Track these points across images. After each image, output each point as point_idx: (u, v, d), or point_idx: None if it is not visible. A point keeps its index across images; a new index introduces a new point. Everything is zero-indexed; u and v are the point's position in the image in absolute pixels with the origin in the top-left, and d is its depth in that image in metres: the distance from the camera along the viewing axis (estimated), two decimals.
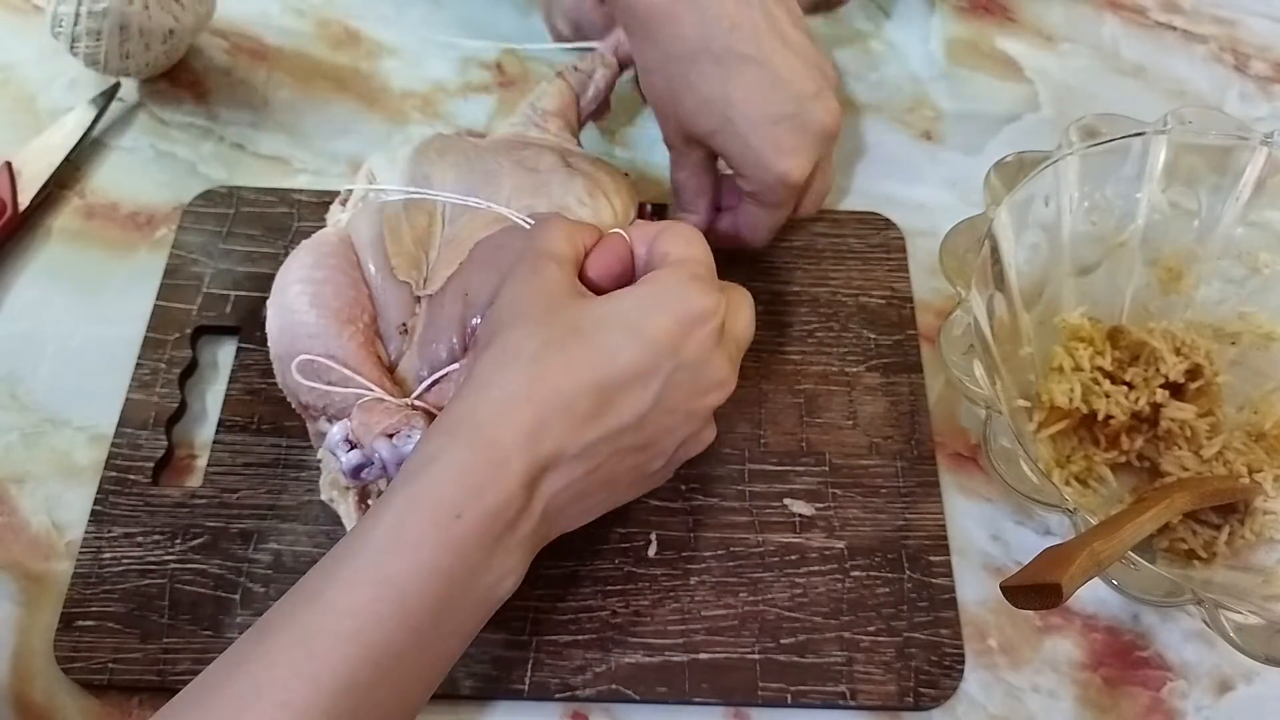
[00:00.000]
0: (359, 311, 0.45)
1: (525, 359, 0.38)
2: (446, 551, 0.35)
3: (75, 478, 0.50)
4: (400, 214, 0.47)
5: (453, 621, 0.36)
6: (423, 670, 0.36)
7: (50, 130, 0.59)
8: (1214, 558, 0.47)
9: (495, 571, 0.36)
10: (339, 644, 0.33)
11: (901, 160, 0.63)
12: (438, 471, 0.36)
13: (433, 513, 0.35)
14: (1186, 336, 0.51)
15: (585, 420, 0.37)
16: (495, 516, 0.36)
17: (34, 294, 0.55)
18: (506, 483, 0.36)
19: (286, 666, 0.33)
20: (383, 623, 0.34)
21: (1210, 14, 0.70)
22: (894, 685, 0.45)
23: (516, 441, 0.36)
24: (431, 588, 0.35)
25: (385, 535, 0.35)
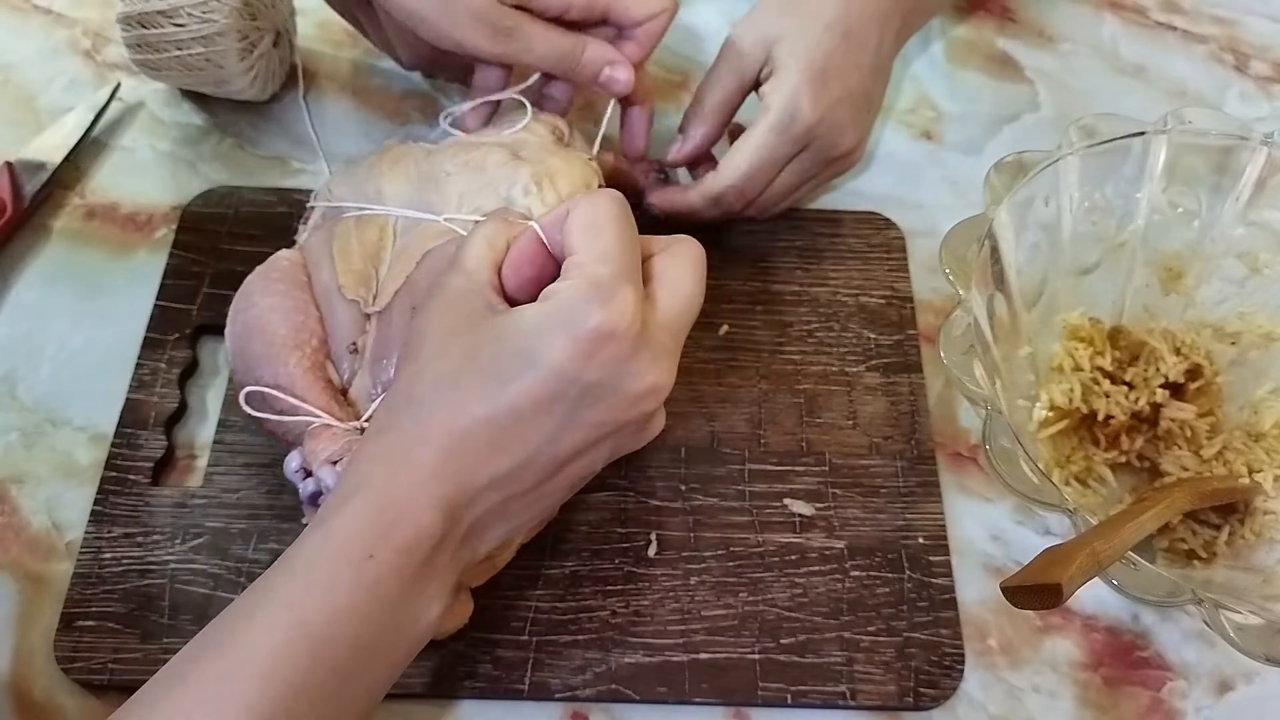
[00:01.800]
0: (306, 335, 0.45)
1: (417, 400, 0.37)
2: (360, 593, 0.34)
3: (75, 478, 0.50)
4: (351, 230, 0.47)
5: (376, 656, 0.35)
6: (350, 702, 0.35)
7: (50, 130, 0.59)
8: (1214, 558, 0.47)
9: (417, 603, 0.36)
10: (255, 684, 0.33)
11: (901, 160, 0.63)
12: (349, 514, 0.36)
13: (344, 555, 0.35)
14: (1186, 336, 0.51)
15: (486, 454, 0.36)
16: (409, 553, 0.35)
17: (34, 294, 0.55)
18: (416, 519, 0.35)
19: (202, 704, 0.33)
20: (299, 663, 0.33)
21: (1210, 14, 0.70)
22: (894, 685, 0.45)
23: (419, 483, 0.36)
24: (348, 630, 0.34)
25: (298, 579, 0.35)
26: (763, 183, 0.53)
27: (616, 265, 0.37)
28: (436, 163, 0.48)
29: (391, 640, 0.36)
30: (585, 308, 0.36)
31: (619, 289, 0.36)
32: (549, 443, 0.37)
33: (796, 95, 0.51)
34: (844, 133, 0.53)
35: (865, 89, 0.54)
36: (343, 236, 0.47)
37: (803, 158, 0.53)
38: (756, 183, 0.53)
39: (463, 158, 0.48)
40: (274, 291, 0.46)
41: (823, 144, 0.53)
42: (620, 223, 0.38)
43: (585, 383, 0.36)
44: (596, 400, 0.37)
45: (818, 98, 0.51)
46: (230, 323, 0.47)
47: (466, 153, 0.48)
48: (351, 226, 0.47)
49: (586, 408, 0.37)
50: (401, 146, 0.50)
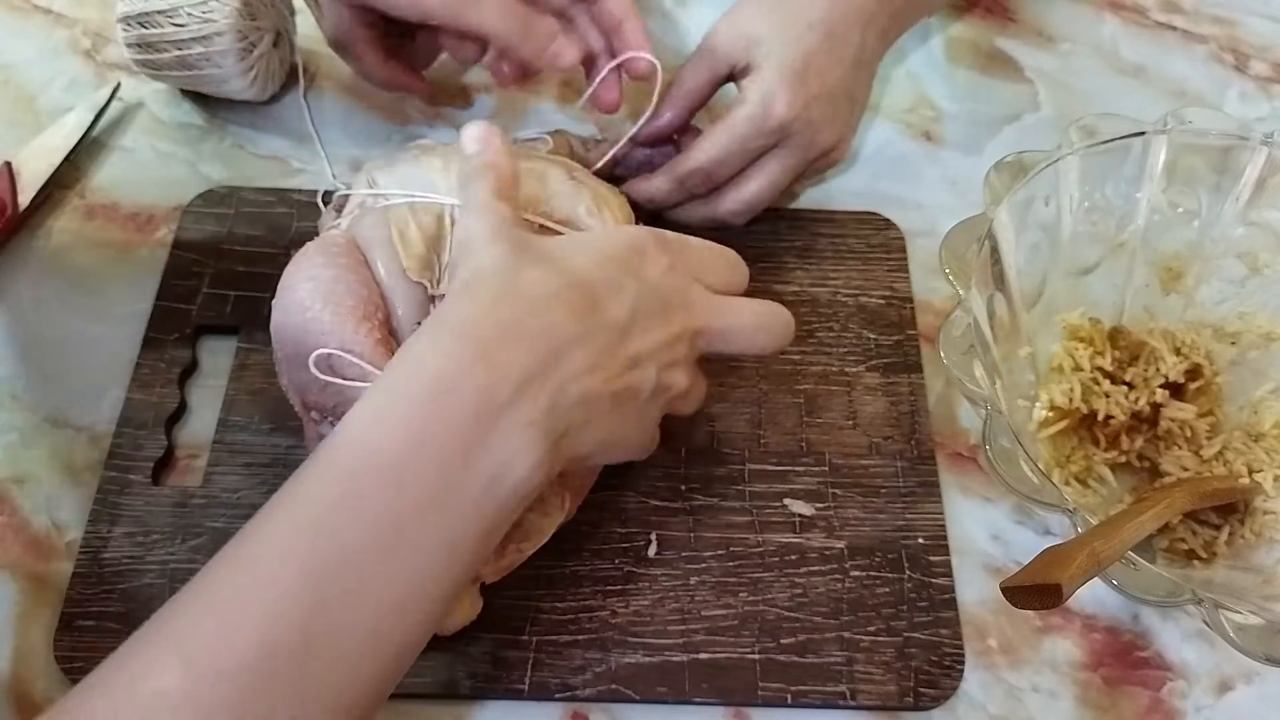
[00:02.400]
0: (373, 309, 0.45)
1: (497, 267, 0.39)
2: (436, 424, 0.35)
3: (75, 478, 0.50)
4: (408, 217, 0.47)
5: (455, 500, 0.35)
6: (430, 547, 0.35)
7: (50, 130, 0.59)
8: (1214, 557, 0.47)
9: (502, 451, 0.36)
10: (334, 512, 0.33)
11: (901, 160, 0.63)
12: (419, 356, 0.37)
13: (420, 390, 0.35)
14: (1186, 336, 0.51)
15: (569, 313, 0.38)
16: (487, 394, 0.36)
17: (34, 294, 0.55)
18: (496, 364, 0.36)
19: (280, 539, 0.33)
20: (377, 493, 0.34)
21: (1210, 14, 0.70)
22: (894, 685, 0.45)
23: (499, 333, 0.37)
24: (425, 461, 0.34)
25: (371, 415, 0.35)
26: (730, 169, 0.53)
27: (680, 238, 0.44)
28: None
29: (476, 487, 0.35)
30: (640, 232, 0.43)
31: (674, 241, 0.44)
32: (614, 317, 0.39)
33: (773, 89, 0.51)
34: (821, 130, 0.54)
35: (846, 87, 0.54)
36: (400, 222, 0.47)
37: (780, 153, 0.54)
38: (723, 169, 0.53)
39: (524, 165, 0.49)
40: (339, 265, 0.45)
41: (800, 140, 0.53)
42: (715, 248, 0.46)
43: (640, 279, 0.41)
44: (653, 302, 0.41)
45: (795, 93, 0.51)
46: (286, 291, 0.45)
47: (525, 160, 0.49)
48: (408, 214, 0.47)
49: (645, 304, 0.40)
50: (444, 146, 0.51)
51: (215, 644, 0.31)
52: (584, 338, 0.38)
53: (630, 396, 0.41)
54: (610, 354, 0.39)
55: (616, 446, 0.42)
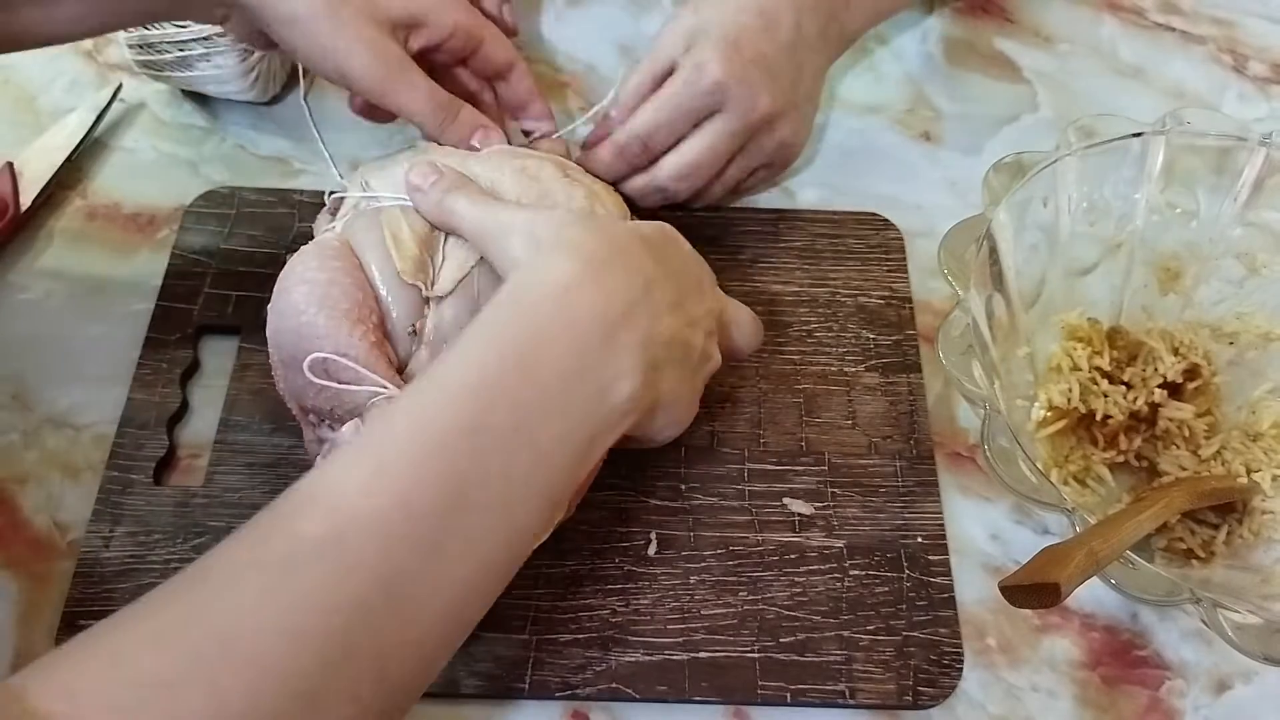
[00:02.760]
0: (367, 312, 0.45)
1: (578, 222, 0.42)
2: (561, 322, 0.38)
3: (77, 477, 0.50)
4: (401, 219, 0.47)
5: (575, 402, 0.38)
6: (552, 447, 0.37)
7: (52, 131, 0.59)
8: (1212, 557, 0.47)
9: (611, 366, 0.38)
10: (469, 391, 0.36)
11: (900, 161, 0.63)
12: (540, 264, 0.40)
13: (544, 291, 0.38)
14: (1184, 336, 0.51)
15: (647, 256, 0.42)
16: (605, 302, 0.39)
17: (36, 294, 0.56)
18: (610, 279, 0.39)
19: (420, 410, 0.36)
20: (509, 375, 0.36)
21: (1209, 15, 0.70)
22: (893, 684, 0.45)
23: (603, 248, 0.40)
24: (552, 355, 0.37)
25: (500, 313, 0.38)
26: (668, 135, 0.53)
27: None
28: (487, 164, 0.49)
29: (588, 395, 0.38)
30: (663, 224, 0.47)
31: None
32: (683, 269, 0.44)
33: (706, 55, 0.52)
34: (759, 93, 0.53)
35: (780, 60, 0.54)
36: (393, 224, 0.47)
37: (720, 118, 0.53)
38: (660, 134, 0.53)
39: (516, 164, 0.49)
40: (332, 268, 0.46)
41: (738, 104, 0.52)
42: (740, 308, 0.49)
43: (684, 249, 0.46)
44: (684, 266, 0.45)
45: (728, 56, 0.52)
46: (282, 294, 0.46)
47: (517, 159, 0.50)
48: (400, 215, 0.47)
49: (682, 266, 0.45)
50: (440, 147, 0.51)
51: (361, 494, 0.33)
52: (662, 280, 0.41)
53: (690, 352, 0.43)
54: (679, 302, 0.42)
55: (675, 405, 0.44)
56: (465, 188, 0.46)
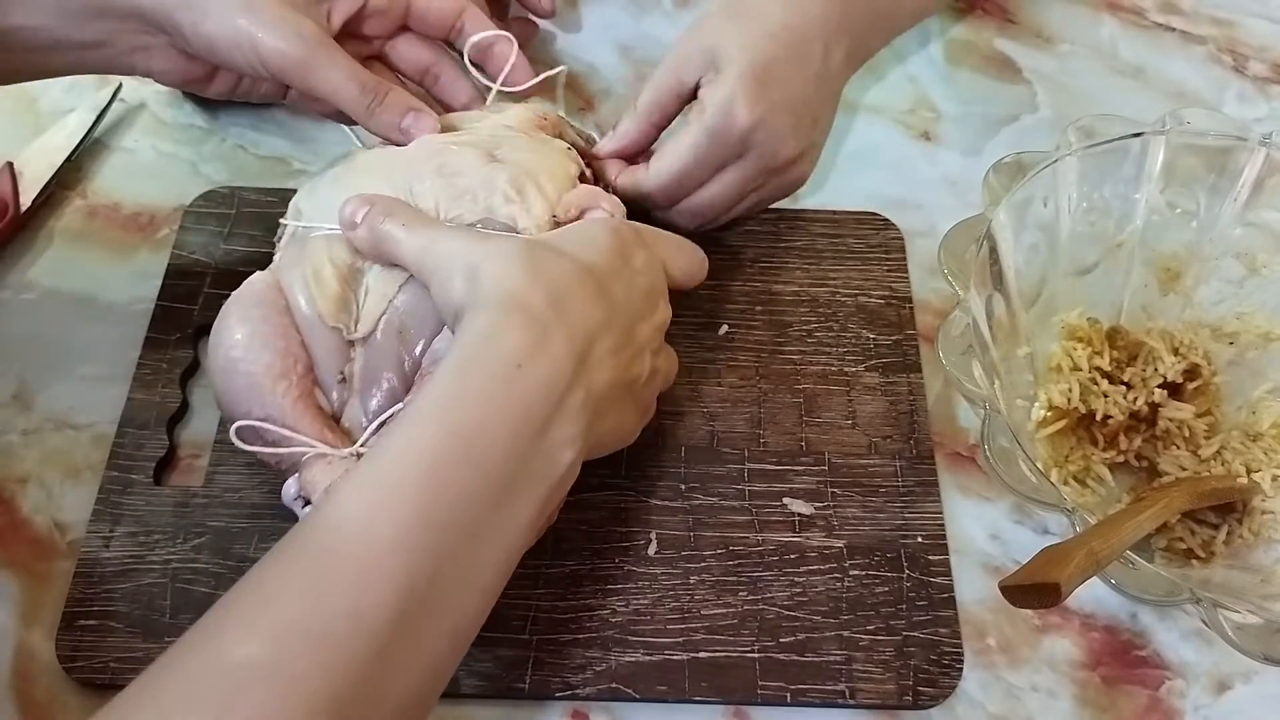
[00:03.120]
0: (291, 362, 0.43)
1: (518, 257, 0.39)
2: (512, 403, 0.36)
3: (77, 477, 0.50)
4: (323, 251, 0.45)
5: (523, 481, 0.36)
6: (499, 526, 0.36)
7: (52, 131, 0.59)
8: (1212, 557, 0.47)
9: (557, 435, 0.37)
10: (414, 483, 0.34)
11: (901, 161, 0.63)
12: (485, 336, 0.37)
13: (494, 367, 0.36)
14: (1184, 336, 0.51)
15: (592, 298, 0.40)
16: (554, 374, 0.37)
17: (36, 294, 0.56)
18: (555, 344, 0.38)
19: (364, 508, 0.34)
20: (455, 467, 0.35)
21: (1209, 15, 0.70)
22: (893, 684, 0.45)
23: (548, 308, 0.38)
24: (500, 438, 0.36)
25: (448, 390, 0.36)
26: (692, 185, 0.52)
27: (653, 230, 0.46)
28: (411, 170, 0.46)
29: (535, 474, 0.37)
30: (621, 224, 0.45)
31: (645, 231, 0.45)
32: (623, 304, 0.41)
33: (733, 96, 0.49)
34: (784, 141, 0.51)
35: (807, 99, 0.52)
36: (315, 258, 0.44)
37: (742, 165, 0.51)
38: (686, 185, 0.52)
39: (435, 162, 0.46)
40: (251, 319, 0.44)
41: (762, 151, 0.51)
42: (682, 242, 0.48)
43: (631, 266, 0.43)
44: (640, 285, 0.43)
45: (755, 100, 0.49)
46: (210, 357, 0.44)
47: (439, 157, 0.46)
48: (322, 247, 0.45)
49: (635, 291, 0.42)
50: (369, 154, 0.48)
51: (305, 612, 0.32)
52: (607, 323, 0.40)
53: (633, 384, 0.42)
54: (622, 342, 0.41)
55: (616, 435, 0.44)
56: (397, 214, 0.43)
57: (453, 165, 0.46)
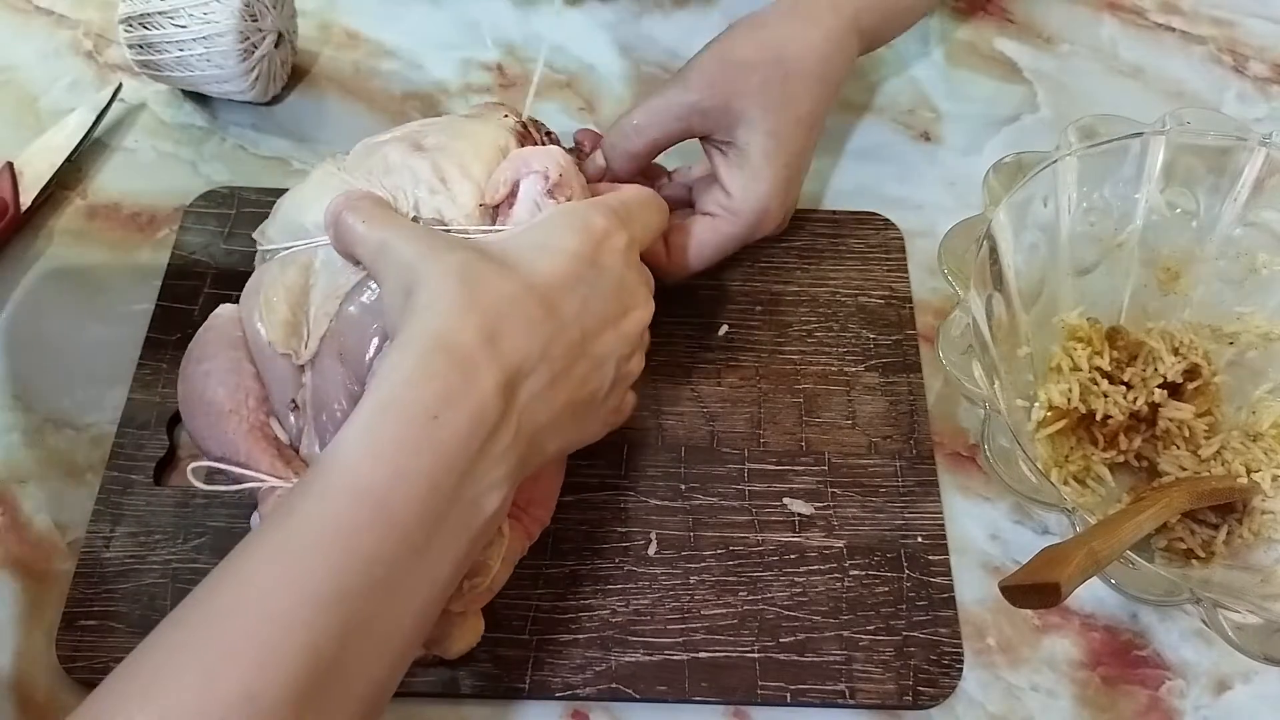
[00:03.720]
0: (242, 396, 0.43)
1: (455, 279, 0.37)
2: (427, 455, 0.33)
3: (77, 478, 0.50)
4: (276, 275, 0.44)
5: (443, 532, 0.34)
6: (418, 587, 0.33)
7: (52, 131, 0.59)
8: (1212, 557, 0.47)
9: (481, 482, 0.35)
10: (320, 552, 0.31)
11: (901, 161, 0.63)
12: (404, 379, 0.34)
13: (406, 416, 0.34)
14: (1184, 336, 0.51)
15: (534, 322, 0.37)
16: (476, 420, 0.34)
17: (36, 294, 0.56)
18: (481, 386, 0.35)
19: (265, 582, 0.31)
20: (365, 530, 0.32)
21: (1209, 15, 0.70)
22: (893, 684, 0.45)
23: (478, 343, 0.35)
24: (416, 494, 0.33)
25: (358, 444, 0.33)
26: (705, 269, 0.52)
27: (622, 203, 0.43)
28: (349, 179, 0.44)
29: (458, 522, 0.34)
30: (585, 213, 0.41)
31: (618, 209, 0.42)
32: (577, 320, 0.39)
33: (767, 208, 0.50)
34: (783, 222, 0.54)
35: (806, 165, 0.53)
36: (269, 284, 0.44)
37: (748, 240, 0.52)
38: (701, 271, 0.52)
39: (366, 165, 0.44)
40: (208, 355, 0.44)
41: (765, 234, 0.52)
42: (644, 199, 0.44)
43: (598, 267, 0.40)
44: (607, 290, 0.40)
45: (783, 206, 0.52)
46: (178, 397, 0.45)
47: (370, 158, 0.45)
48: (276, 270, 0.44)
49: (600, 297, 0.40)
50: (323, 167, 0.46)
51: (197, 695, 0.29)
52: (546, 351, 0.37)
53: (589, 401, 0.40)
54: (570, 364, 0.38)
55: (574, 444, 0.42)
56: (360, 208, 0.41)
57: (381, 163, 0.44)
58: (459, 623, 0.42)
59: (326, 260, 0.43)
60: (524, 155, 0.44)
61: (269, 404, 0.44)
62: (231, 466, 0.42)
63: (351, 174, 0.44)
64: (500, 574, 0.42)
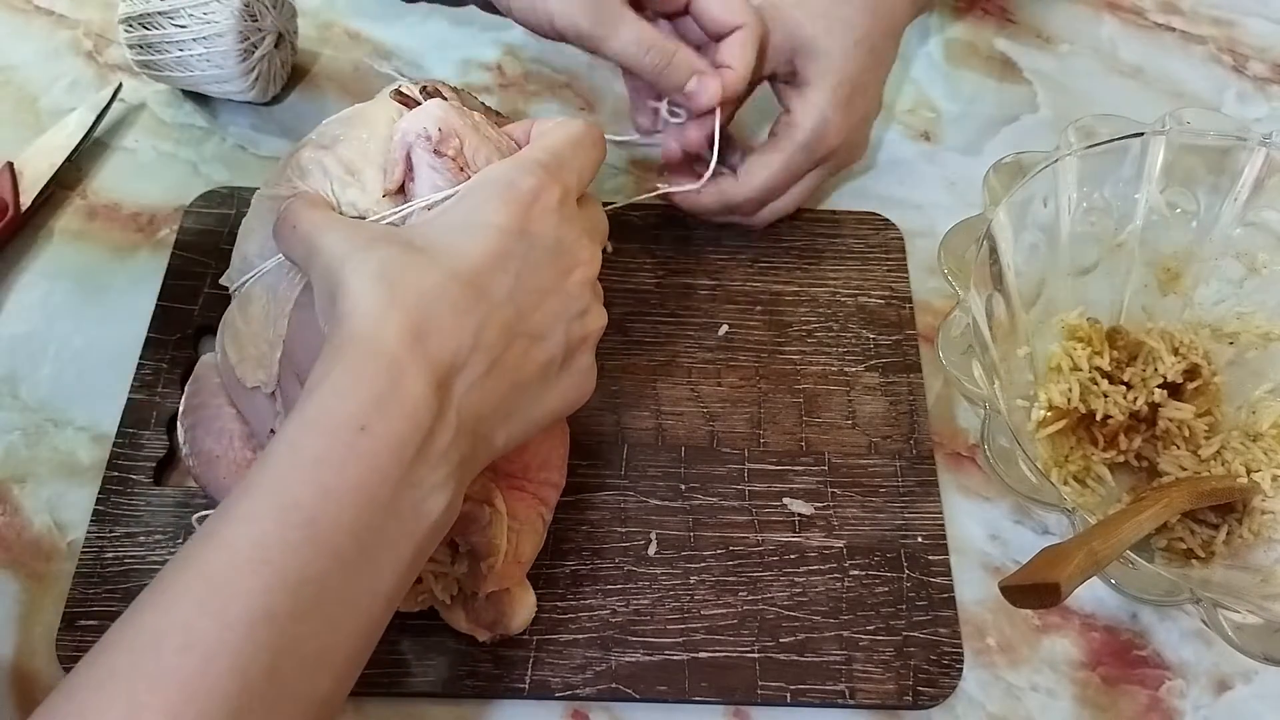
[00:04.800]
0: (227, 440, 0.44)
1: (371, 278, 0.35)
2: (356, 468, 0.32)
3: (77, 478, 0.50)
4: (234, 312, 0.43)
5: (380, 544, 0.33)
6: (357, 601, 0.32)
7: (52, 131, 0.59)
8: (1212, 557, 0.47)
9: (421, 487, 0.33)
10: (245, 574, 0.30)
11: (901, 161, 0.63)
12: (329, 390, 0.33)
13: (332, 429, 0.32)
14: (1184, 336, 0.51)
15: (460, 311, 0.35)
16: (409, 425, 0.33)
17: (36, 294, 0.56)
18: (409, 389, 0.33)
19: (188, 607, 0.30)
20: (294, 549, 0.31)
21: (1208, 15, 0.70)
22: (893, 684, 0.45)
23: (403, 344, 0.33)
24: (347, 511, 0.32)
25: (283, 462, 0.32)
26: (778, 193, 0.55)
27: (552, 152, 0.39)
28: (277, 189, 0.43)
29: (397, 530, 0.33)
30: (509, 177, 0.38)
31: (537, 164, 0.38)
32: (510, 299, 0.36)
33: (826, 117, 0.52)
34: (860, 147, 0.57)
35: (879, 97, 0.56)
36: (229, 322, 0.43)
37: (823, 169, 0.55)
38: (774, 192, 0.54)
39: (286, 175, 0.43)
40: (192, 409, 0.45)
41: (840, 159, 0.56)
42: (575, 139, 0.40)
43: (530, 236, 0.37)
44: (542, 260, 0.38)
45: (844, 120, 0.53)
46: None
47: (287, 167, 0.43)
48: (234, 308, 0.43)
49: (535, 267, 0.37)
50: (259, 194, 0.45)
51: None
52: (477, 338, 0.35)
53: (540, 377, 0.38)
54: (508, 345, 0.36)
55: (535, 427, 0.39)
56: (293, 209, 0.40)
57: (297, 169, 0.43)
58: (507, 599, 0.42)
59: (269, 284, 0.42)
60: (400, 126, 0.41)
61: (255, 440, 0.44)
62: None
63: (276, 188, 0.43)
64: (524, 545, 0.42)
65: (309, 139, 0.44)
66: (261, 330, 0.42)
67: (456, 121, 0.40)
